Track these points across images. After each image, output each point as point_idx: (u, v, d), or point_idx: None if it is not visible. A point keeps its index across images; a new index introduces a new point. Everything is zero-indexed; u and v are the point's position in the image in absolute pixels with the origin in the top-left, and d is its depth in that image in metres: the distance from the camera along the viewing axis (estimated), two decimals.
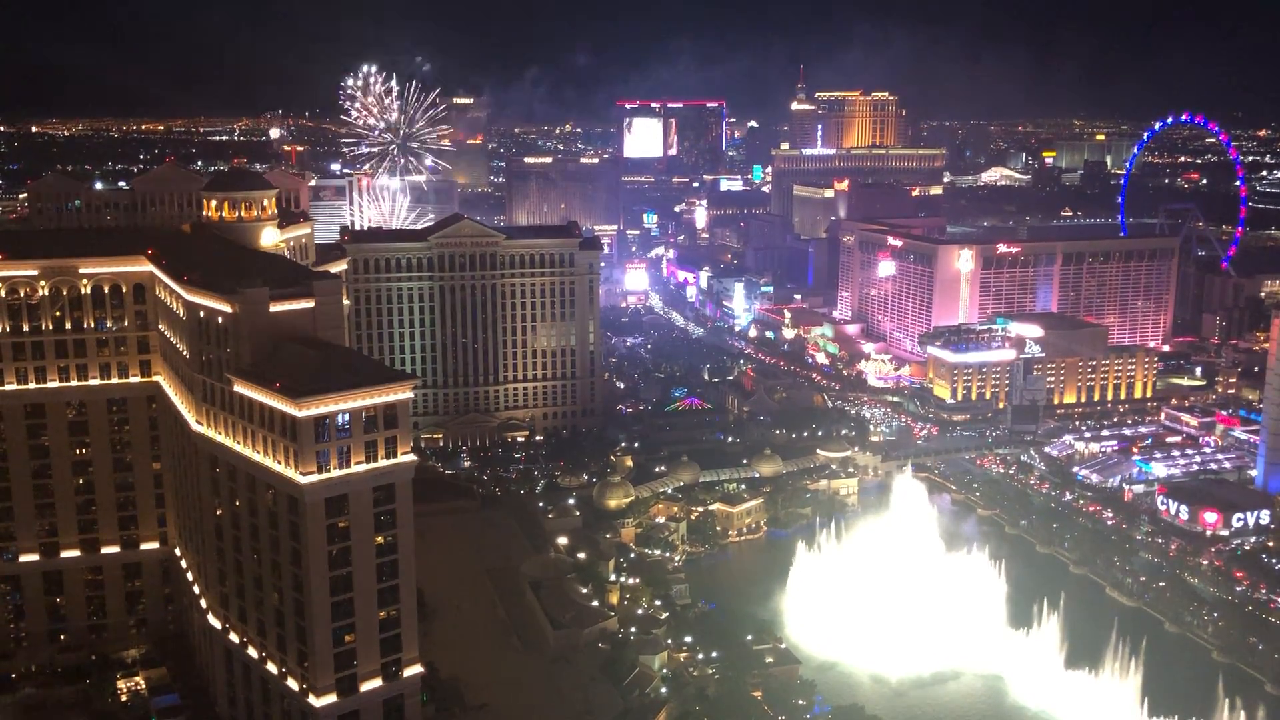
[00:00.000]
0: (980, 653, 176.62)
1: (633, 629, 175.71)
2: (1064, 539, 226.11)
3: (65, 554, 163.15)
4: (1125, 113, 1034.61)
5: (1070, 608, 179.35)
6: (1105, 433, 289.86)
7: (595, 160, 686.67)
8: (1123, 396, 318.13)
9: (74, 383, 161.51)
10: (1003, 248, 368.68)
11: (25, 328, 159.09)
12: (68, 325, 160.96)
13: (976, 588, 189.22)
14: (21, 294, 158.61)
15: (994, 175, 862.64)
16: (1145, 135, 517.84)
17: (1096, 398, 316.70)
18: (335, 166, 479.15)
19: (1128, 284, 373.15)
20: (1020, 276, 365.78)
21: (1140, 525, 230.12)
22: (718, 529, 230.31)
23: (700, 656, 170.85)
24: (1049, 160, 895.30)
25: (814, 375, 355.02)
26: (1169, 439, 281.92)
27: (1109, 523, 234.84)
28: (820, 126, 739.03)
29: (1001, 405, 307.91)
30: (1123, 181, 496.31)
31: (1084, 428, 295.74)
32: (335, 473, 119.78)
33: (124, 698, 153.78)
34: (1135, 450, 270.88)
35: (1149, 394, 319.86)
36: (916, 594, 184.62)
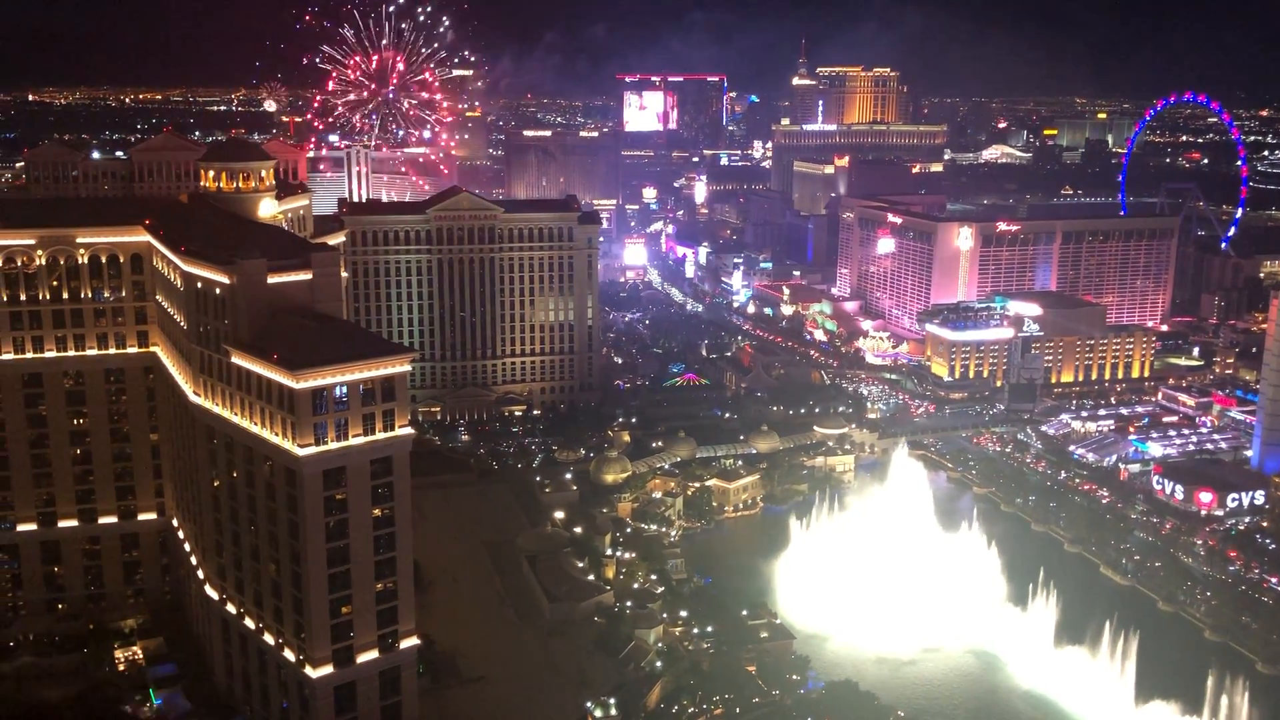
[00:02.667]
0: (974, 629, 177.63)
1: (628, 603, 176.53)
2: (1059, 517, 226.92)
3: (63, 524, 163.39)
4: (1127, 91, 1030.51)
5: (1064, 586, 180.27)
6: (1102, 412, 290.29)
7: (595, 134, 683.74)
8: (1120, 376, 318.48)
9: (71, 353, 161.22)
10: (1002, 226, 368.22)
11: (23, 297, 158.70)
12: (65, 295, 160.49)
13: (971, 565, 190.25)
14: (19, 263, 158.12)
15: (995, 153, 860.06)
16: (1147, 114, 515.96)
17: (1094, 377, 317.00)
18: (333, 138, 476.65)
19: (1127, 263, 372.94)
20: (1020, 255, 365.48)
21: (1135, 504, 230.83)
22: (714, 504, 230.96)
23: (695, 631, 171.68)
24: (1050, 138, 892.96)
25: (812, 352, 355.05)
26: (1165, 419, 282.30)
27: (1104, 501, 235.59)
28: (821, 102, 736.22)
29: (999, 383, 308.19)
30: (1124, 160, 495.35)
31: (1081, 407, 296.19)
32: (333, 445, 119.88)
33: (121, 667, 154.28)
34: (1132, 429, 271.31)
35: (1146, 373, 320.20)
36: (911, 570, 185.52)
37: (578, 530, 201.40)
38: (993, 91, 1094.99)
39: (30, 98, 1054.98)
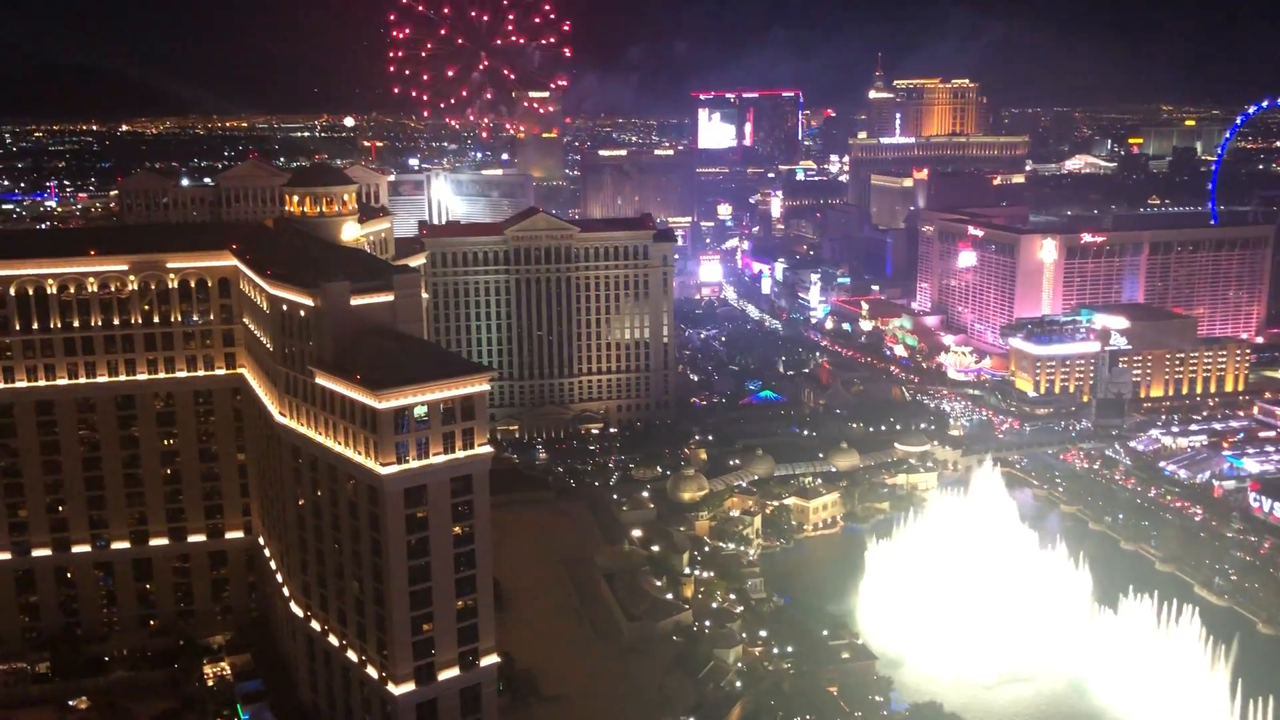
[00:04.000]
0: (1061, 652, 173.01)
1: (707, 622, 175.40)
2: (1150, 535, 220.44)
3: (154, 542, 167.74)
4: (1217, 97, 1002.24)
5: (1157, 606, 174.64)
6: (1194, 427, 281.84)
7: (669, 152, 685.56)
8: (1213, 390, 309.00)
9: (162, 375, 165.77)
10: (1087, 237, 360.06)
11: (116, 321, 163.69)
12: (156, 319, 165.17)
13: (1058, 585, 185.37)
14: (113, 288, 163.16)
15: (1078, 163, 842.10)
16: (1239, 120, 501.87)
17: (1185, 391, 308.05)
18: (413, 162, 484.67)
19: (1219, 274, 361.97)
20: (1105, 266, 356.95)
21: (1231, 522, 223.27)
22: (793, 523, 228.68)
23: (775, 651, 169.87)
24: (1136, 147, 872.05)
25: (892, 368, 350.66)
26: (1262, 434, 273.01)
27: (1198, 519, 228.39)
28: (899, 115, 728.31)
29: (1086, 399, 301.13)
30: (1214, 168, 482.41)
31: (1172, 422, 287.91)
32: (414, 464, 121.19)
33: (210, 682, 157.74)
34: (1226, 445, 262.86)
35: (1241, 387, 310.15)
36: (996, 591, 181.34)
37: (655, 548, 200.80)
38: (1075, 101, 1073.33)
39: (124, 128, 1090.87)
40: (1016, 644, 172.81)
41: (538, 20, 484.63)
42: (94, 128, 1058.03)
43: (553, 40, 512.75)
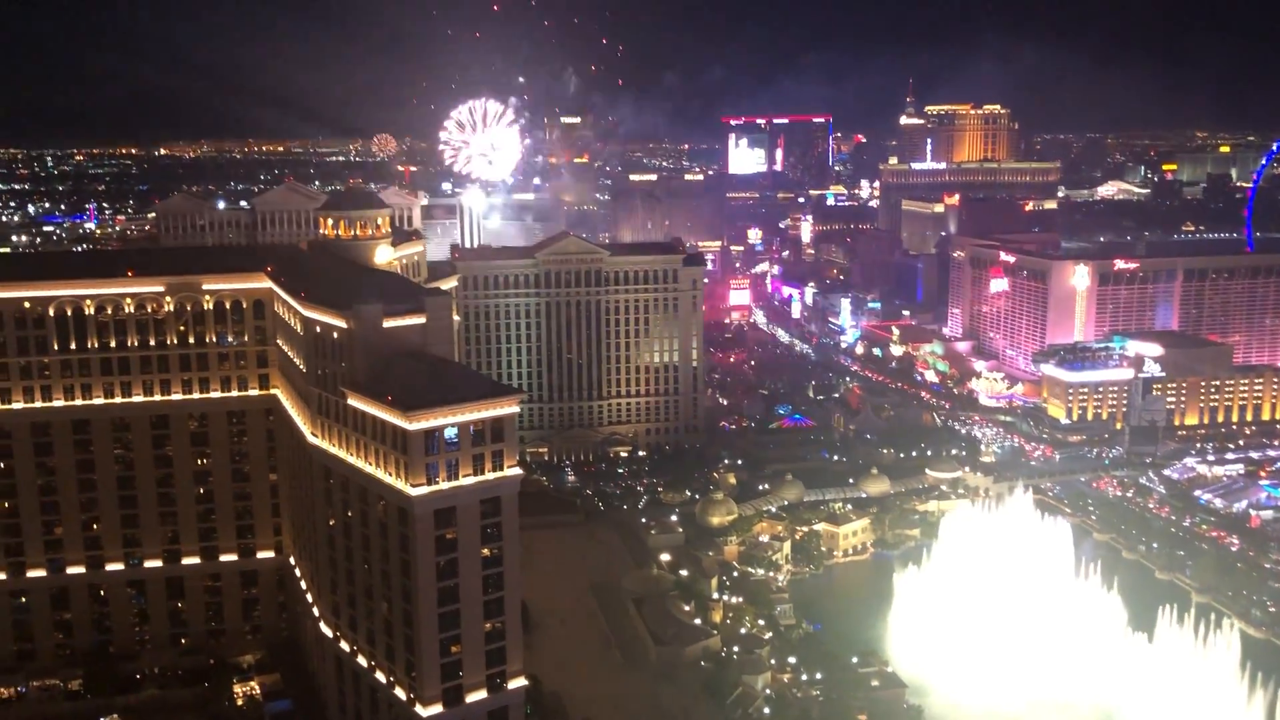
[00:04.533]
0: (1094, 682, 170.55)
1: (735, 648, 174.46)
2: (1185, 565, 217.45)
3: (186, 560, 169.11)
4: (1252, 123, 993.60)
5: (1192, 637, 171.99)
6: (1230, 455, 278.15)
7: (699, 177, 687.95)
8: (1249, 418, 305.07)
9: (196, 395, 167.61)
10: (1120, 263, 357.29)
11: (152, 342, 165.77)
12: (191, 340, 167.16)
13: (1092, 614, 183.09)
14: (149, 309, 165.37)
15: (1111, 189, 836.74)
16: (1275, 146, 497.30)
17: (1221, 419, 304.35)
18: (446, 186, 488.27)
19: (1255, 301, 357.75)
20: (1139, 293, 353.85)
21: (1269, 552, 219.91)
22: (823, 549, 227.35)
23: (804, 678, 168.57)
24: (1170, 173, 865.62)
25: (923, 393, 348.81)
26: None
27: (1234, 549, 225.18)
28: (929, 140, 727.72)
29: (1119, 426, 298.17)
30: (1249, 194, 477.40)
31: (1207, 450, 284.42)
32: (444, 485, 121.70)
33: (239, 702, 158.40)
34: (1263, 474, 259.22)
35: (1278, 415, 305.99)
36: (1028, 619, 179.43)
37: (684, 573, 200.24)
38: (1108, 127, 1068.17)
39: (161, 151, 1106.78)
40: (1048, 673, 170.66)
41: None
42: (133, 151, 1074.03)
43: (595, 69, 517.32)
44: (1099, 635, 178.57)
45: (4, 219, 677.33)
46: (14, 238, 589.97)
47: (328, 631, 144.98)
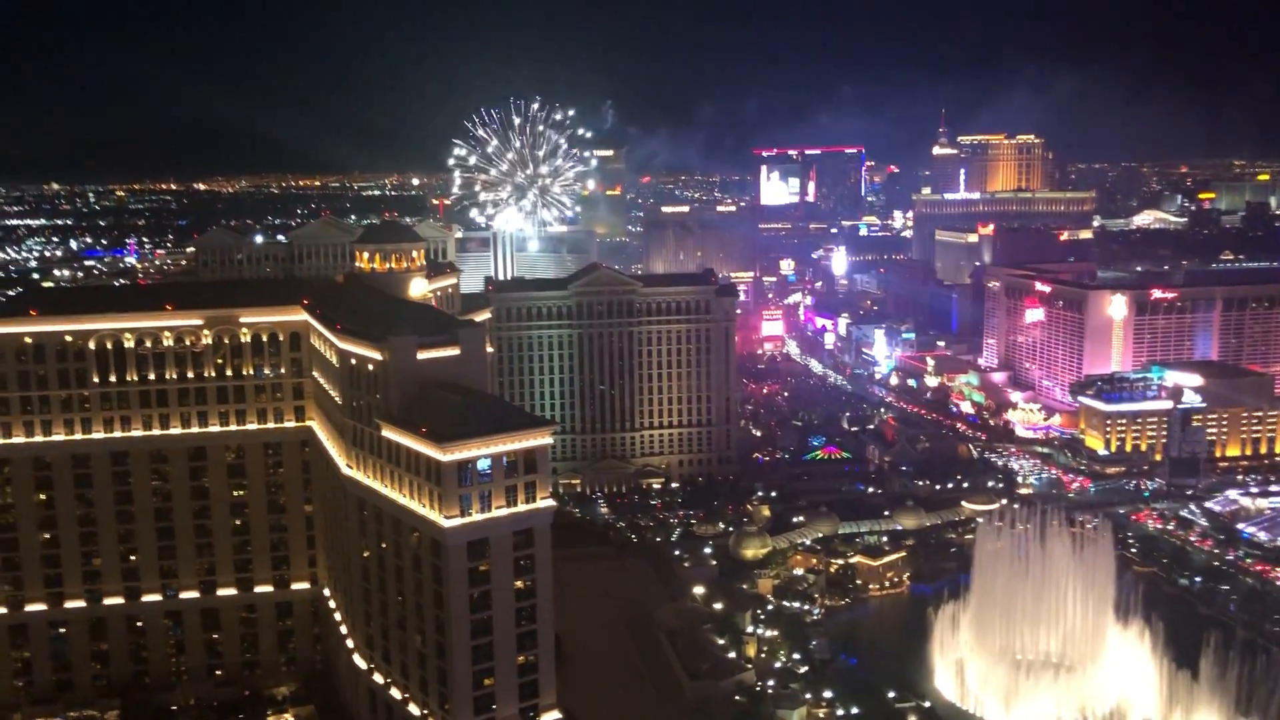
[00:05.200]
0: (1135, 718, 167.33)
1: (770, 682, 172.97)
2: (1229, 600, 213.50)
3: (222, 592, 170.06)
4: None
5: (1238, 674, 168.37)
6: (1274, 488, 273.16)
7: (732, 208, 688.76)
8: None
9: (233, 427, 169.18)
10: (1158, 293, 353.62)
11: (190, 374, 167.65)
12: (228, 372, 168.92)
13: (1132, 649, 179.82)
14: (187, 342, 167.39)
15: (1147, 218, 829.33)
16: None
17: (1264, 450, 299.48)
18: (479, 219, 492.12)
19: None
20: (1177, 323, 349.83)
21: None
22: (858, 582, 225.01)
23: (840, 713, 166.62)
24: (1207, 202, 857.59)
25: (958, 425, 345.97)
26: None
27: (1279, 583, 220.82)
28: (963, 170, 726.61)
29: (1158, 458, 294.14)
30: None
31: (1250, 482, 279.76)
32: (477, 516, 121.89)
33: None
34: None
35: None
36: (1067, 654, 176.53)
37: (718, 606, 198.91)
38: (1143, 156, 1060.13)
39: (200, 187, 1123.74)
40: (1088, 709, 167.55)
41: None
42: (173, 187, 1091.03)
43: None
44: (1142, 672, 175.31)
45: (46, 254, 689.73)
46: (56, 272, 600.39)
47: (361, 663, 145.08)
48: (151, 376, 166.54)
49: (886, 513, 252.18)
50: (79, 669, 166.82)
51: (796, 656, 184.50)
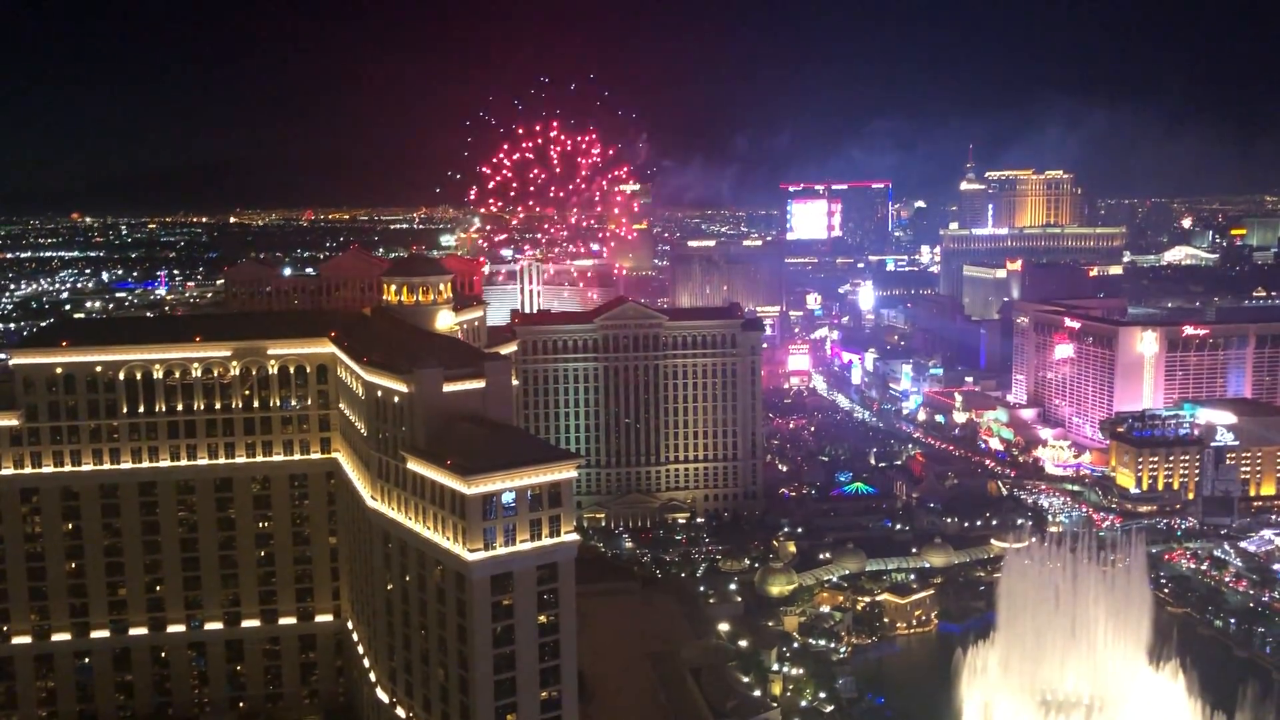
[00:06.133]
0: None
1: None
2: (1266, 642, 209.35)
3: (246, 623, 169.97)
4: None
5: (1274, 717, 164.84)
6: None
7: (758, 243, 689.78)
8: None
9: (259, 458, 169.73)
10: (1189, 329, 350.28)
11: (218, 405, 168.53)
12: (255, 403, 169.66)
13: (1167, 692, 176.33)
14: (216, 373, 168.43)
15: (1178, 254, 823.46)
16: None
17: None
18: (507, 253, 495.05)
19: None
20: (1209, 360, 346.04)
21: None
22: (885, 620, 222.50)
23: None
24: (1238, 238, 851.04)
25: (987, 461, 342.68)
26: None
27: None
28: (991, 206, 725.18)
29: (1191, 496, 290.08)
30: None
31: None
32: (501, 550, 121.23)
33: None
34: None
35: None
36: (1099, 695, 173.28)
37: (743, 643, 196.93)
38: (1174, 191, 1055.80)
39: (231, 220, 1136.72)
40: None
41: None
42: (204, 220, 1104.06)
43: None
44: (1176, 714, 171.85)
45: (78, 285, 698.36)
46: (87, 304, 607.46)
47: (384, 697, 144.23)
48: (180, 407, 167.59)
49: (914, 550, 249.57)
50: (103, 699, 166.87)
51: (823, 695, 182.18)
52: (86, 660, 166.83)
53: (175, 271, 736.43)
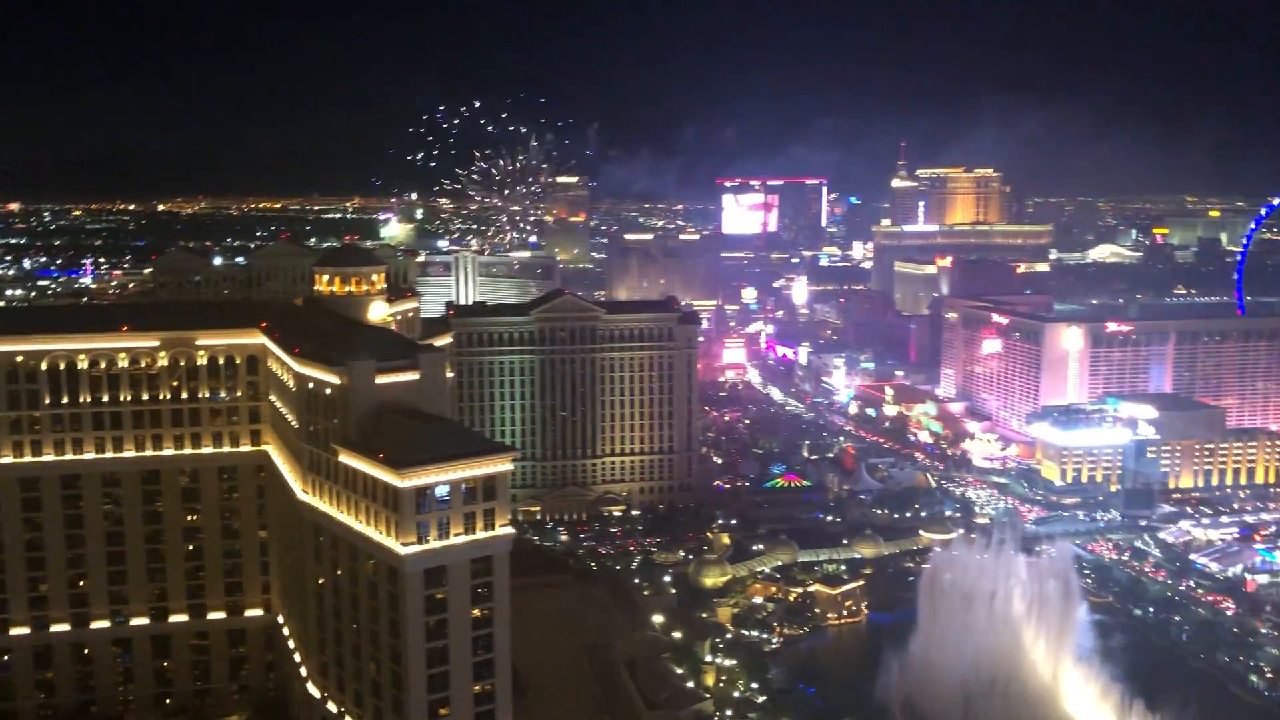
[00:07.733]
0: None
1: (729, 712, 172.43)
2: (1182, 630, 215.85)
3: (174, 619, 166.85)
4: (1242, 189, 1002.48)
5: (1190, 705, 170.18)
6: (1225, 519, 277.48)
7: (695, 237, 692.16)
8: (1243, 481, 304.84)
9: (188, 450, 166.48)
10: (1113, 326, 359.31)
11: (145, 397, 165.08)
12: (184, 395, 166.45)
13: (1087, 679, 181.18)
14: (143, 364, 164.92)
15: (1103, 252, 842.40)
16: (1263, 211, 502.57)
17: (1215, 482, 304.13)
18: (442, 243, 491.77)
19: (1247, 364, 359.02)
20: (1132, 356, 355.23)
21: (1265, 617, 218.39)
22: (817, 611, 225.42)
23: None
24: (1161, 237, 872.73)
25: (917, 454, 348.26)
26: None
27: (1230, 614, 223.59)
28: (922, 203, 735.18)
29: (1114, 488, 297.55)
30: (1239, 259, 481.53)
31: (1202, 513, 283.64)
32: (434, 544, 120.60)
33: None
34: (1258, 538, 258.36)
35: (1272, 479, 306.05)
36: (1023, 684, 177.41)
37: (677, 635, 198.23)
38: (1099, 191, 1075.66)
39: (159, 207, 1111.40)
40: None
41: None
42: (131, 207, 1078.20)
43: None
44: (1098, 701, 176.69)
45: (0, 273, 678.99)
46: (9, 291, 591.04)
47: (315, 692, 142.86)
48: (105, 399, 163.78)
49: (845, 541, 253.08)
50: (23, 698, 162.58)
51: (755, 686, 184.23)
52: (5, 658, 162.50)
53: (101, 259, 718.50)
